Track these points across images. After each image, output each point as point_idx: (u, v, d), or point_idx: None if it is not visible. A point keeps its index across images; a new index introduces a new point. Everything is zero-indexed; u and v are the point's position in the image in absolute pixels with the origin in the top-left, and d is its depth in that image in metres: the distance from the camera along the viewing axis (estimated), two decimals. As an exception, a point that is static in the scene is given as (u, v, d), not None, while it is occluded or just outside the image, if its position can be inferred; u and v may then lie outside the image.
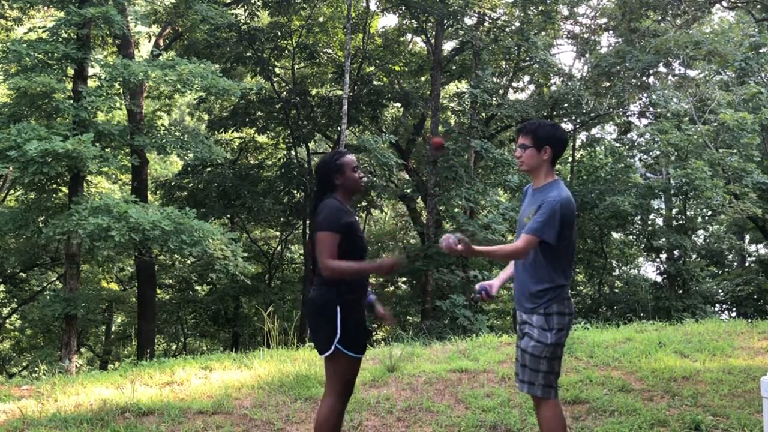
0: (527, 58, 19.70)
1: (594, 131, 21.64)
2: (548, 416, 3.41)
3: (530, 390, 3.44)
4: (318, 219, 3.53)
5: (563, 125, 20.04)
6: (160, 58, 13.98)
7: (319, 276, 3.53)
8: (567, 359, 6.19)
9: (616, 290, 19.31)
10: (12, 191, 19.19)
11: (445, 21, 17.75)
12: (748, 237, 23.32)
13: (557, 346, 3.41)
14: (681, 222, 18.30)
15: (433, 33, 18.47)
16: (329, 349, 3.46)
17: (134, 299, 19.73)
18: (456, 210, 16.77)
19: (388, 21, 42.10)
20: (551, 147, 3.48)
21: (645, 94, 18.17)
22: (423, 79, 20.99)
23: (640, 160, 19.91)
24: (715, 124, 15.66)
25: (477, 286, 3.71)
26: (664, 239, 18.01)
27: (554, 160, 3.52)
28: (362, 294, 3.60)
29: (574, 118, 19.40)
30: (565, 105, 18.72)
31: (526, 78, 21.86)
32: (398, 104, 21.22)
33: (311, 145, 21.67)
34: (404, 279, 20.98)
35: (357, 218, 3.70)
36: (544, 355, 3.39)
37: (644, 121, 19.62)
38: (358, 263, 3.48)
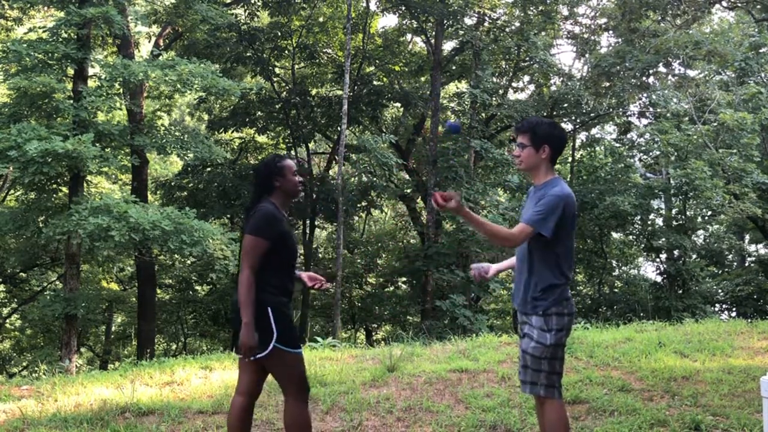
0: (527, 58, 19.70)
1: (594, 131, 21.65)
2: (552, 417, 3.38)
3: (533, 390, 3.42)
4: (251, 222, 3.51)
5: (563, 125, 20.04)
6: (160, 58, 13.98)
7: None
8: (567, 359, 6.17)
9: (616, 290, 19.32)
10: (12, 191, 19.18)
11: (445, 21, 17.76)
12: (748, 237, 23.33)
13: (557, 347, 3.38)
14: (681, 222, 18.31)
15: (433, 33, 18.47)
16: (266, 350, 3.41)
17: (134, 299, 19.73)
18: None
19: (388, 21, 42.11)
20: (550, 146, 3.43)
21: (645, 94, 18.17)
22: (423, 79, 20.99)
23: (640, 160, 19.91)
24: (715, 124, 15.65)
25: (473, 266, 3.69)
26: (664, 239, 18.01)
27: (554, 159, 3.47)
28: (290, 298, 3.61)
29: (574, 118, 19.41)
30: (565, 105, 18.73)
31: (526, 78, 21.87)
32: (398, 104, 21.23)
33: (311, 145, 21.67)
34: (404, 279, 21.00)
35: (289, 225, 3.71)
36: (545, 356, 3.36)
37: (644, 121, 19.65)
38: (249, 303, 3.36)
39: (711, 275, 20.68)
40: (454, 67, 20.63)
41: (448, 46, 20.55)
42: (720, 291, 20.15)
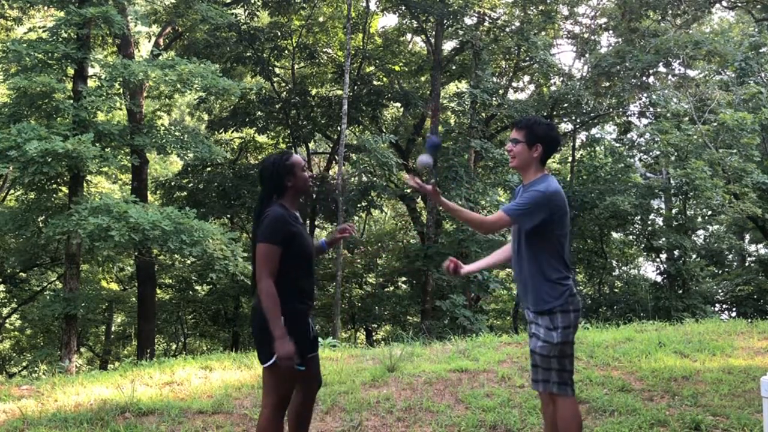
0: (527, 58, 19.70)
1: (594, 131, 21.64)
2: (565, 414, 3.40)
3: (545, 388, 3.43)
4: (260, 228, 3.37)
5: (563, 125, 20.07)
6: (160, 58, 13.98)
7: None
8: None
9: (616, 290, 19.32)
10: (12, 191, 19.18)
11: (445, 21, 17.76)
12: (748, 237, 23.33)
13: (565, 345, 3.38)
14: (681, 222, 18.31)
15: (433, 33, 18.47)
16: (270, 360, 3.33)
17: (134, 299, 19.72)
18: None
19: (388, 21, 42.03)
20: (543, 145, 3.45)
21: (645, 94, 18.18)
22: (423, 79, 20.99)
23: (640, 160, 19.91)
24: (715, 124, 15.66)
25: (447, 261, 3.73)
26: (664, 239, 18.01)
27: (544, 159, 3.49)
28: (310, 306, 3.49)
29: (574, 118, 19.40)
30: (565, 105, 18.72)
31: (526, 78, 21.87)
32: (398, 104, 21.23)
33: (311, 145, 21.67)
34: (404, 279, 20.99)
35: (302, 224, 3.53)
36: (553, 354, 3.37)
37: (644, 121, 19.63)
38: (277, 315, 3.25)
39: (711, 275, 20.67)
40: (454, 67, 20.63)
41: (448, 46, 20.57)
42: (720, 291, 20.15)
